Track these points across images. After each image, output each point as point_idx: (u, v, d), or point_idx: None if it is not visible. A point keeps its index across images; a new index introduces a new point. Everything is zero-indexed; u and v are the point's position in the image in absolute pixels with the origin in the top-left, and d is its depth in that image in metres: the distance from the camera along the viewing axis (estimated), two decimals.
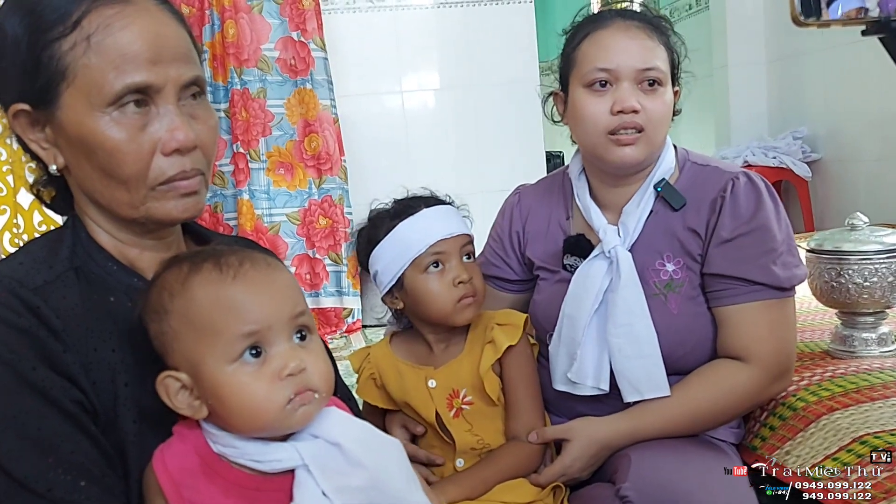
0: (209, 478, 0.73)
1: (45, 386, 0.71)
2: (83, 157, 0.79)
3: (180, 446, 0.76)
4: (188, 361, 0.73)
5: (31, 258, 0.80)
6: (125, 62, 0.75)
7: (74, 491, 0.70)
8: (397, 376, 1.24)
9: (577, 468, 1.18)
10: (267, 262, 0.77)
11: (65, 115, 0.77)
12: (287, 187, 2.92)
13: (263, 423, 0.72)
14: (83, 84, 0.76)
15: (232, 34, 2.80)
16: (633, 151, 1.17)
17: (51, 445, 0.70)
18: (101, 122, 0.76)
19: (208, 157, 0.84)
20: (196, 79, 0.81)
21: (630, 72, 1.16)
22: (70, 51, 0.75)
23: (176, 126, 0.78)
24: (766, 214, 1.16)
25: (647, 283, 1.19)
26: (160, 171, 0.79)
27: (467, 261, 1.20)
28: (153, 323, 0.75)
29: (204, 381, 0.72)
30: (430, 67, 3.21)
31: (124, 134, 0.77)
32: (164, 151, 0.79)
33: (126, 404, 0.76)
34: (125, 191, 0.79)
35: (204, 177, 0.84)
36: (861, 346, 1.40)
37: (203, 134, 0.82)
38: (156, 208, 0.81)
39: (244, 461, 0.73)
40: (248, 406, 0.71)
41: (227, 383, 0.71)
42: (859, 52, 2.88)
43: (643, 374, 1.16)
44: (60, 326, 0.74)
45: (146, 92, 0.77)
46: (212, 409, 0.73)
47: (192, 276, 0.74)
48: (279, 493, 0.73)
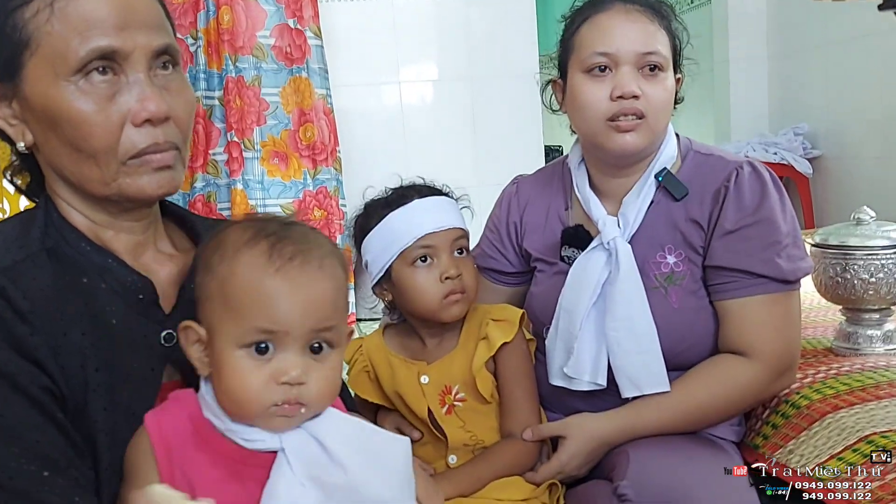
0: (198, 446, 0.73)
1: (11, 371, 0.68)
2: (50, 131, 0.75)
3: (176, 410, 0.75)
4: (209, 323, 0.74)
5: (2, 238, 0.76)
6: (90, 27, 0.72)
7: (37, 482, 0.67)
8: (389, 370, 1.21)
9: (573, 466, 1.15)
10: (321, 265, 0.75)
11: (29, 87, 0.74)
12: (281, 177, 2.88)
13: (245, 413, 0.73)
14: (47, 52, 0.73)
15: (227, 20, 2.76)
16: (633, 138, 1.13)
17: (15, 434, 0.67)
18: (66, 92, 0.73)
19: (184, 132, 0.80)
20: (167, 47, 0.78)
21: (630, 56, 1.12)
22: (32, 18, 0.72)
23: (146, 96, 0.75)
24: (770, 205, 1.13)
25: (648, 275, 1.16)
26: (131, 144, 0.75)
27: (459, 256, 1.17)
28: (200, 270, 0.76)
29: (213, 348, 0.74)
30: (428, 58, 3.17)
31: (91, 104, 0.73)
32: (135, 122, 0.75)
33: (97, 391, 0.73)
34: (95, 165, 0.76)
35: (179, 152, 0.80)
36: (866, 344, 1.37)
37: (176, 106, 0.78)
38: (128, 184, 0.77)
39: (229, 434, 0.74)
40: (238, 393, 0.72)
41: (228, 364, 0.73)
42: (862, 49, 2.86)
43: (642, 369, 1.13)
44: (28, 308, 0.71)
45: (113, 58, 0.74)
46: (212, 376, 0.75)
47: (245, 250, 0.74)
48: (263, 469, 0.73)
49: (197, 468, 0.72)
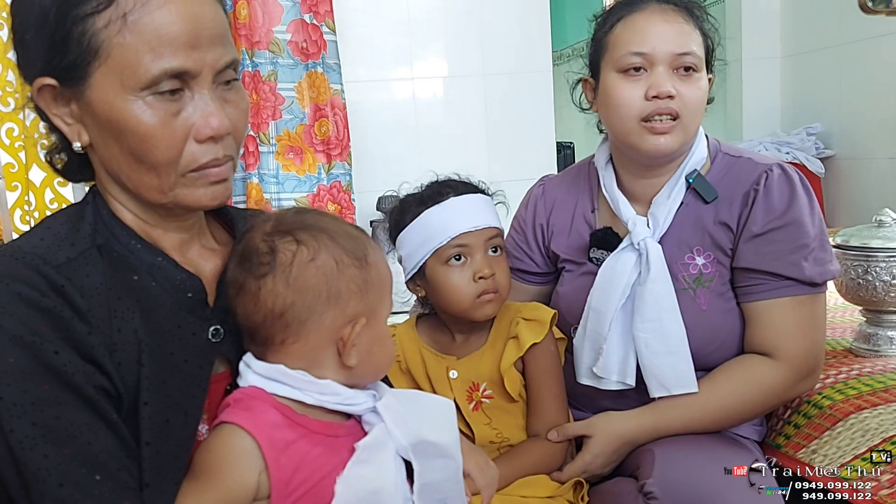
0: (294, 430, 0.75)
1: (68, 371, 0.68)
2: (111, 139, 0.76)
3: (257, 406, 0.76)
4: (366, 311, 0.81)
5: (52, 234, 0.76)
6: (162, 45, 0.72)
7: (88, 485, 0.66)
8: (420, 361, 1.21)
9: (598, 464, 1.16)
10: None
11: (94, 95, 0.74)
12: (296, 172, 2.88)
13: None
14: (116, 64, 0.72)
15: (244, 15, 2.76)
16: (667, 140, 1.13)
17: (69, 435, 0.67)
18: (133, 106, 0.73)
19: (239, 142, 0.81)
20: (232, 61, 0.78)
21: (666, 56, 1.12)
22: (104, 28, 0.72)
23: (210, 112, 0.75)
24: (799, 208, 1.13)
25: (676, 277, 1.16)
26: (192, 158, 0.76)
27: (493, 254, 1.16)
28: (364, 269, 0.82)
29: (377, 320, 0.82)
30: (441, 54, 3.17)
31: (157, 119, 0.73)
32: (198, 138, 0.76)
33: (149, 387, 0.73)
34: (154, 176, 0.76)
35: (233, 161, 0.81)
36: (886, 345, 1.38)
37: (235, 118, 0.79)
38: (185, 195, 0.78)
39: (335, 406, 0.79)
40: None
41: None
42: (876, 50, 2.85)
43: (671, 370, 1.13)
44: (85, 307, 0.71)
45: (182, 77, 0.74)
46: (359, 361, 0.80)
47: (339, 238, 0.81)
48: (351, 438, 0.78)
49: (300, 451, 0.75)
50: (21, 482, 0.66)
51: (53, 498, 0.65)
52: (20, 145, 2.05)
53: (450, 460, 0.84)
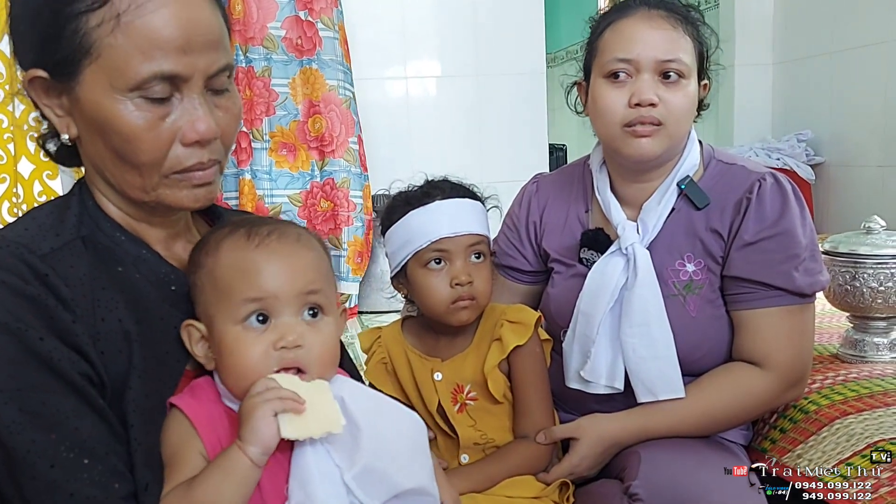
0: (232, 426, 0.75)
1: (53, 357, 0.68)
2: (97, 136, 0.76)
3: (203, 395, 0.77)
4: (206, 316, 0.78)
5: (37, 224, 0.77)
6: (154, 48, 0.72)
7: (77, 469, 0.67)
8: (406, 363, 1.22)
9: (585, 466, 1.16)
10: (298, 237, 0.80)
11: (83, 92, 0.74)
12: (289, 168, 2.88)
13: (245, 386, 0.75)
14: (107, 64, 0.72)
15: (238, 11, 2.75)
16: (649, 144, 1.13)
17: (55, 421, 0.68)
18: (120, 106, 0.73)
19: (227, 146, 0.81)
20: (225, 66, 0.78)
21: (650, 63, 1.12)
22: (97, 27, 0.72)
23: (198, 117, 0.75)
24: (791, 219, 1.13)
25: (666, 283, 1.17)
26: (177, 161, 0.76)
27: (476, 261, 1.16)
28: (191, 274, 0.81)
29: (213, 336, 0.77)
30: (435, 54, 3.17)
31: (144, 121, 0.74)
32: (184, 142, 0.76)
33: (133, 376, 0.74)
34: (137, 175, 0.77)
35: (220, 165, 0.81)
36: (872, 351, 1.39)
37: (225, 123, 0.79)
38: (167, 195, 0.78)
39: None
40: (239, 366, 0.75)
41: (228, 342, 0.76)
42: (866, 58, 2.87)
43: (658, 375, 1.14)
44: (69, 295, 0.71)
45: (172, 81, 0.74)
46: (216, 365, 0.78)
47: (226, 239, 0.79)
48: (286, 442, 0.75)
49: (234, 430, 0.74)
50: (8, 467, 0.67)
51: (44, 481, 0.66)
52: (9, 137, 2.04)
53: (427, 497, 0.79)
